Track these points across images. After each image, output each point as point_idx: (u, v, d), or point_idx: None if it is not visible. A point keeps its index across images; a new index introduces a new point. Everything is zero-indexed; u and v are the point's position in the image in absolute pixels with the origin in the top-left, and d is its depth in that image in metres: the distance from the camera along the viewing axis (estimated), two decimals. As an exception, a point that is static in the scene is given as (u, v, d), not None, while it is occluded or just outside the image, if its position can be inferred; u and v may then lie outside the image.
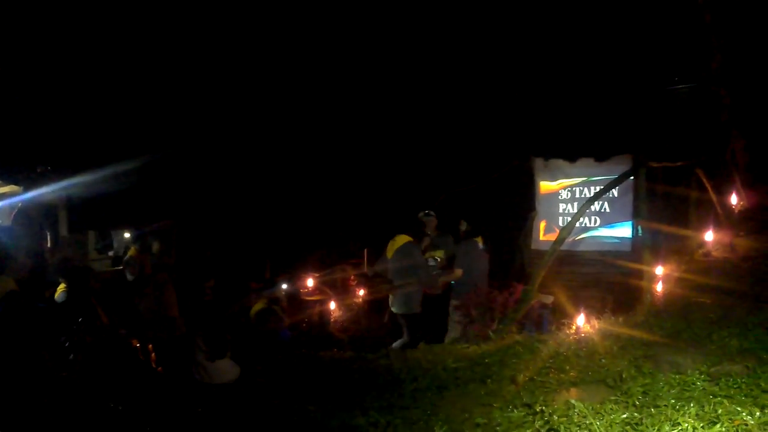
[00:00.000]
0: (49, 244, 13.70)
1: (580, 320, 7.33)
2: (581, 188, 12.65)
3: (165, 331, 9.88)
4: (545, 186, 13.25)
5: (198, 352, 8.05)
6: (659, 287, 8.28)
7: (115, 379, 7.50)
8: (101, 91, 14.77)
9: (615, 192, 11.93)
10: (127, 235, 14.83)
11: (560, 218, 12.69)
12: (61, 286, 9.07)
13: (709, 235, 10.32)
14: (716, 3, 12.54)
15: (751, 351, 5.50)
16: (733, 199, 11.57)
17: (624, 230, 11.97)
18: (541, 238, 13.01)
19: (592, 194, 11.63)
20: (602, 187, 9.98)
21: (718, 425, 4.16)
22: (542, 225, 13.15)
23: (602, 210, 12.32)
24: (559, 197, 13.01)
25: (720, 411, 4.34)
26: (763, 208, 10.96)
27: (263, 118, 16.87)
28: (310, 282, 13.50)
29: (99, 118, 14.80)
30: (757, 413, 4.22)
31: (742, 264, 8.73)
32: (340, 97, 17.43)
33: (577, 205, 12.22)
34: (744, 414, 4.24)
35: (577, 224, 12.06)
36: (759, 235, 9.59)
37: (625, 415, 4.54)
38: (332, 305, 12.76)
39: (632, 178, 9.52)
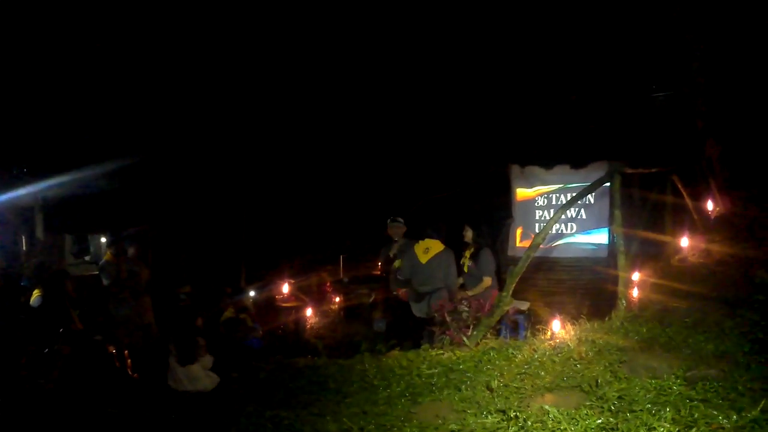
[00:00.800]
0: (24, 248, 13.54)
1: (556, 326, 7.30)
2: (558, 195, 12.63)
3: (140, 338, 9.78)
4: (522, 193, 13.22)
5: (171, 358, 7.99)
6: (635, 293, 8.28)
7: (91, 385, 7.45)
8: (77, 92, 14.59)
9: (591, 198, 11.93)
10: (103, 239, 14.68)
11: (536, 225, 12.64)
12: (36, 291, 8.97)
13: (684, 241, 10.34)
14: (694, 12, 12.61)
15: (727, 355, 5.49)
16: (709, 205, 11.62)
17: (600, 236, 11.95)
18: (518, 244, 12.97)
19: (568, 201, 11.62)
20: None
21: (695, 429, 4.13)
22: (518, 232, 13.12)
23: (578, 216, 12.31)
24: (536, 204, 12.99)
25: (696, 415, 4.31)
26: (738, 214, 11.00)
27: (238, 124, 16.76)
28: (285, 288, 13.42)
29: (75, 119, 14.63)
30: (734, 417, 4.19)
31: (717, 269, 8.76)
32: (316, 105, 17.37)
33: (554, 212, 12.20)
34: (720, 417, 4.22)
35: (553, 231, 12.10)
36: (734, 240, 9.61)
37: (600, 420, 4.50)
38: (308, 312, 12.69)
39: (608, 184, 9.49)
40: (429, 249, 9.08)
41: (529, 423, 4.70)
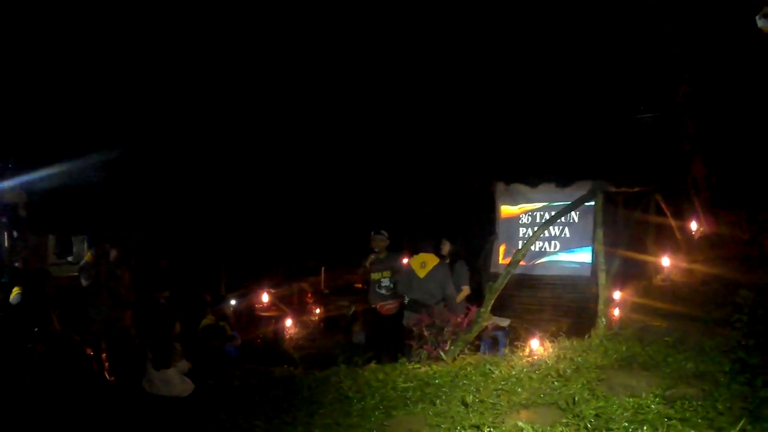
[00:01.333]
0: (6, 245, 13.38)
1: (534, 343, 7.23)
2: (542, 213, 12.62)
3: (118, 341, 9.67)
4: (506, 210, 13.21)
5: (148, 362, 7.92)
6: (616, 311, 8.22)
7: (66, 386, 7.39)
8: (65, 88, 14.49)
9: (575, 217, 11.92)
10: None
11: (520, 242, 12.59)
12: (16, 289, 8.86)
13: (666, 260, 10.33)
14: (682, 34, 12.65)
15: (707, 374, 5.41)
16: (693, 225, 11.62)
17: (584, 255, 11.93)
18: (501, 261, 12.93)
19: (553, 220, 11.60)
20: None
21: (672, 448, 4.05)
22: (502, 249, 13.09)
23: (562, 234, 12.28)
24: (520, 221, 12.98)
25: (674, 433, 4.23)
26: (722, 234, 11.01)
27: (225, 131, 16.68)
28: (265, 297, 13.32)
29: (61, 115, 14.52)
30: (713, 435, 4.12)
31: (700, 288, 8.74)
32: (303, 115, 17.32)
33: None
34: (699, 436, 4.14)
35: (537, 248, 12.06)
36: (717, 260, 9.61)
37: (575, 438, 4.42)
38: (288, 322, 12.59)
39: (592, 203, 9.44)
40: (426, 263, 9.03)
41: (503, 439, 4.62)
